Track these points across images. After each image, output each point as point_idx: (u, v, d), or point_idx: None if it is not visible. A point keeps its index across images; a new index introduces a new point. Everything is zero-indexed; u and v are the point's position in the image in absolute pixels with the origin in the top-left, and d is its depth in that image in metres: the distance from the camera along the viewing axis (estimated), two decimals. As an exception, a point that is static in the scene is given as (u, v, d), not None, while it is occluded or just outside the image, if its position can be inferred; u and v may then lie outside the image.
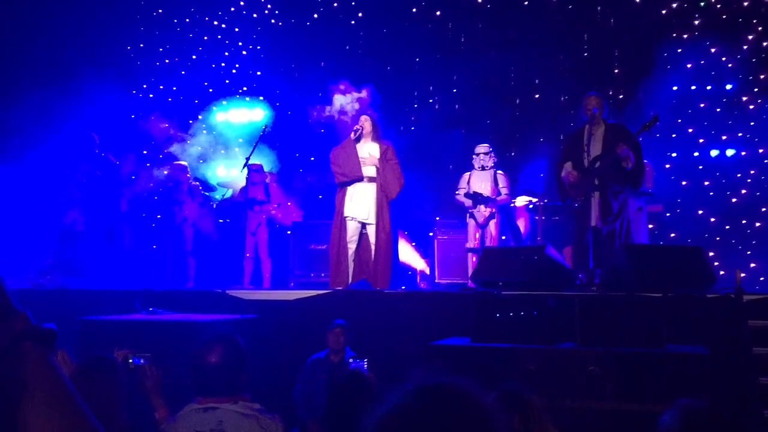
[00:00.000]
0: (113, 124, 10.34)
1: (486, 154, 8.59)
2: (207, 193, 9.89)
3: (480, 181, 8.51)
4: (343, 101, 9.06)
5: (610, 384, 4.41)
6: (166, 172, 10.12)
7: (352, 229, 7.49)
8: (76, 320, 5.58)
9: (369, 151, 7.59)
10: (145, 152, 10.85)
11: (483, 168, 8.57)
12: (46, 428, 1.20)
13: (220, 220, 10.08)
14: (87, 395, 2.74)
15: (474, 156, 8.66)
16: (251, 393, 2.91)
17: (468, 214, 8.54)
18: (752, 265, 9.32)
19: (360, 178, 7.49)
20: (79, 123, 10.01)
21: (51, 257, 8.71)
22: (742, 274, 5.37)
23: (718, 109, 9.89)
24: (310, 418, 5.49)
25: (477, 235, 8.39)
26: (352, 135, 7.63)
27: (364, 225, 7.51)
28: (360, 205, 7.46)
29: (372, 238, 7.47)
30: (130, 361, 3.54)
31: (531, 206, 8.90)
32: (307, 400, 5.65)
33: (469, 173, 8.64)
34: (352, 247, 7.47)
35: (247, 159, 8.09)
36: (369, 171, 7.52)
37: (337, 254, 7.49)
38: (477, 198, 8.38)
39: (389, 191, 7.45)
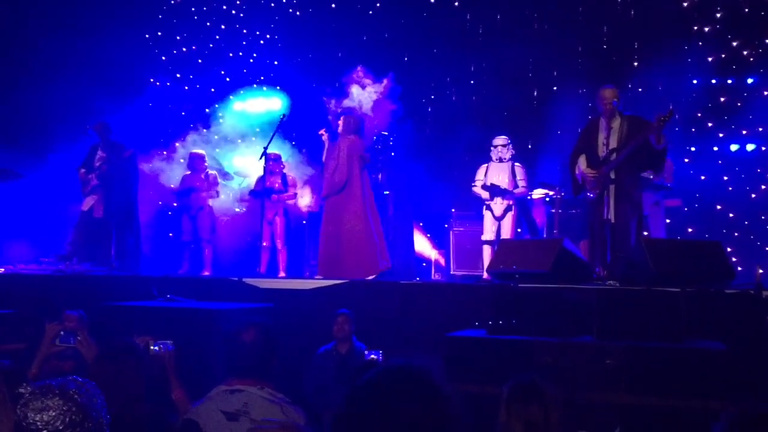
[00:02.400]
0: (131, 112, 10.37)
1: (504, 146, 8.56)
2: (224, 182, 9.91)
3: (497, 173, 8.48)
4: (360, 92, 9.05)
5: (627, 378, 4.38)
6: (183, 161, 10.16)
7: None
8: (93, 306, 5.64)
9: None
10: (161, 140, 10.89)
11: (500, 160, 8.54)
12: None
13: (237, 209, 10.11)
14: (109, 379, 2.78)
15: (492, 148, 8.63)
16: (275, 383, 2.94)
17: (485, 206, 8.51)
18: (771, 261, 9.23)
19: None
20: (95, 111, 10.06)
21: (69, 243, 8.78)
22: (761, 270, 5.32)
23: (738, 103, 9.77)
24: (325, 410, 5.49)
25: (493, 228, 8.37)
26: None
27: None
28: None
29: None
30: (152, 347, 3.56)
31: (548, 199, 8.86)
32: (320, 393, 5.65)
33: (486, 165, 8.62)
34: None
35: (265, 148, 8.10)
36: None
37: None
38: (494, 190, 8.35)
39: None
